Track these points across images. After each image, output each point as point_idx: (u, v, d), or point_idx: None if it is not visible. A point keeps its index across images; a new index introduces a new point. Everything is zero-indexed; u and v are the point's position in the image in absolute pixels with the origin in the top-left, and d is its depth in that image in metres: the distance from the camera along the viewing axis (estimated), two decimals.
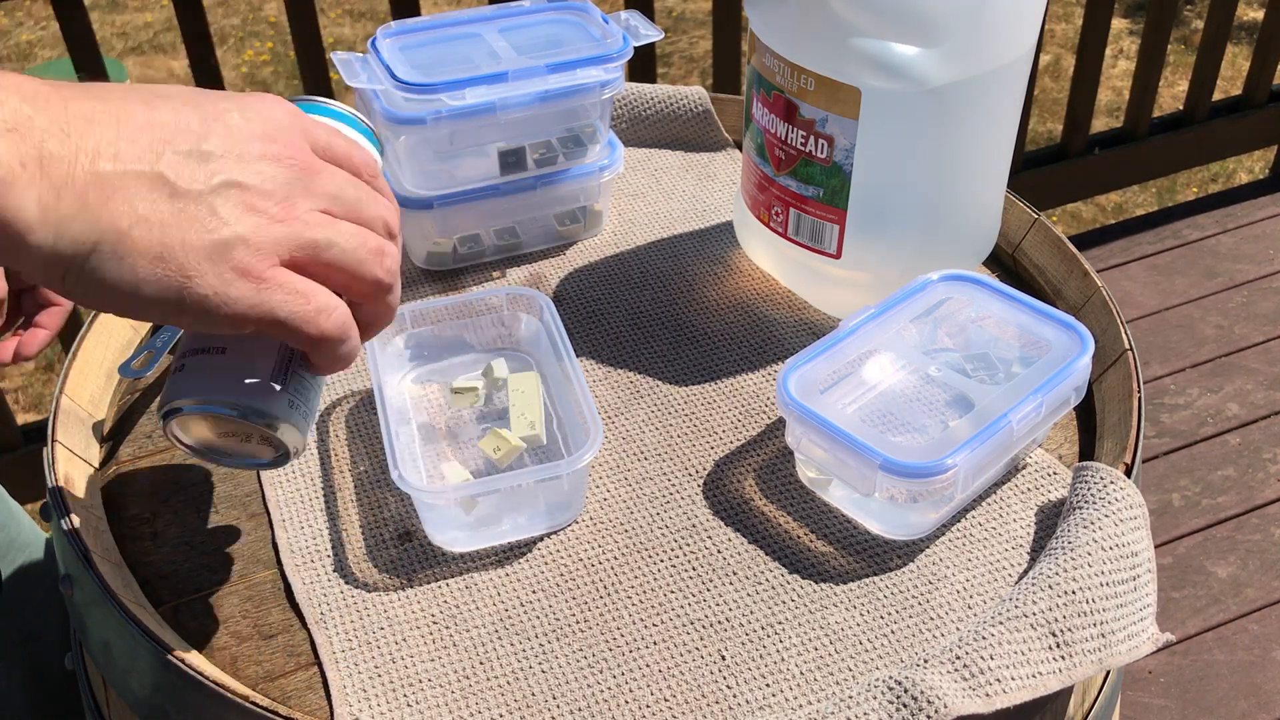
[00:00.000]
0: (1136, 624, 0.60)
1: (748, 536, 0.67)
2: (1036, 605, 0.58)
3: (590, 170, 0.86)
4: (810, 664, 0.60)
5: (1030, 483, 0.70)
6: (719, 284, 0.86)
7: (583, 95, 0.82)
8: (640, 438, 0.73)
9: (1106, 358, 0.75)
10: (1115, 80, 2.93)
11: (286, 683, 0.60)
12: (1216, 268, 2.05)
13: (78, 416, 0.72)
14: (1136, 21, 3.13)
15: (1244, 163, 2.61)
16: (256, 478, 0.70)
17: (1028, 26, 0.74)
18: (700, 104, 1.00)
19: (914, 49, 0.69)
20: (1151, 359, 1.87)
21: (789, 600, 0.63)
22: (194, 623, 0.62)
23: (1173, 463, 1.71)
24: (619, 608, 0.63)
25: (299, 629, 0.62)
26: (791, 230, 0.80)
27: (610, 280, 0.86)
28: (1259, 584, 1.54)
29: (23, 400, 2.16)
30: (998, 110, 0.75)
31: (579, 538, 0.67)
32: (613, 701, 0.58)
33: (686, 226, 0.92)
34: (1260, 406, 1.79)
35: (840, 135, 0.73)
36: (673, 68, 3.08)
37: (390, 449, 0.64)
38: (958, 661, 0.56)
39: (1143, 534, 0.62)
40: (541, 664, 0.60)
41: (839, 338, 0.69)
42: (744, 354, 0.79)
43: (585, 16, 0.87)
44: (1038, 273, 0.85)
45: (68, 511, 0.64)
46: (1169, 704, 1.41)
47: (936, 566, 0.65)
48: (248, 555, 0.66)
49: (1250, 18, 3.14)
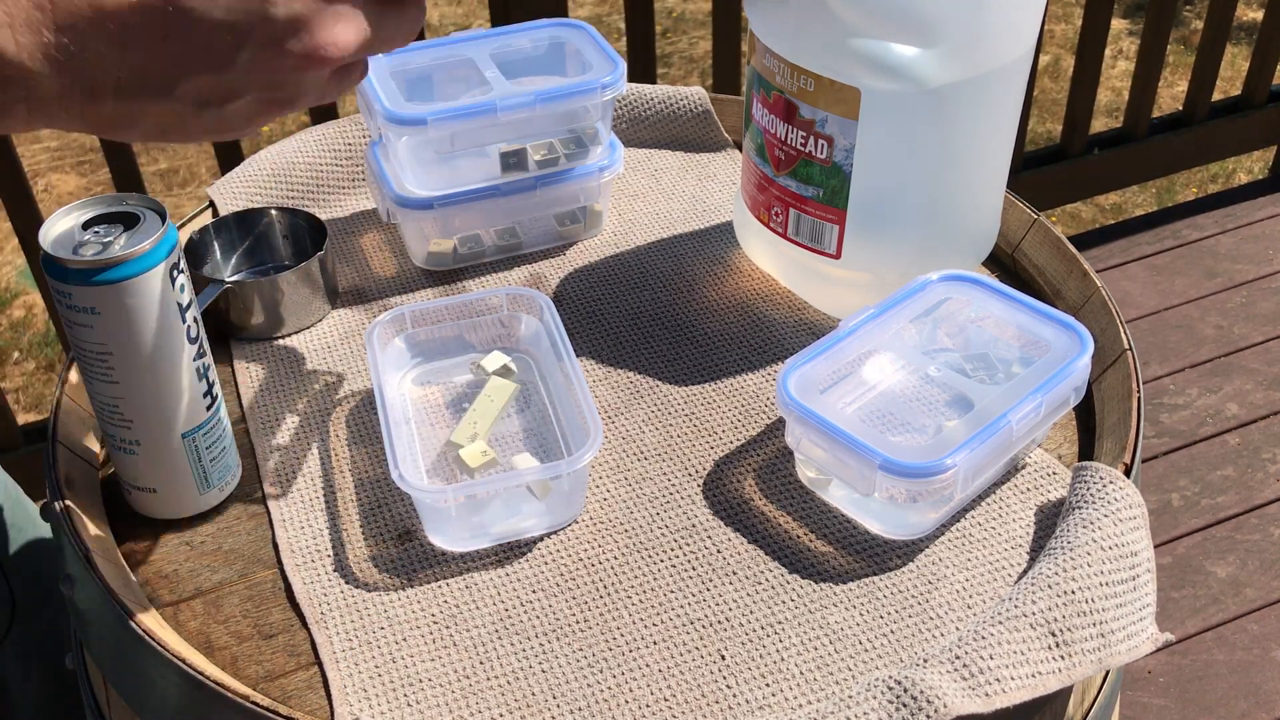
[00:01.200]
0: (1136, 624, 0.60)
1: (748, 536, 0.67)
2: (1036, 605, 0.58)
3: (590, 170, 0.86)
4: (810, 664, 0.60)
5: (1030, 483, 0.70)
6: (719, 284, 0.86)
7: (583, 97, 0.82)
8: (640, 438, 0.73)
9: (1106, 358, 0.76)
10: (1115, 80, 2.93)
11: (286, 683, 0.60)
12: (1216, 268, 2.05)
13: (78, 416, 0.73)
14: (1136, 21, 3.13)
15: (1243, 163, 2.61)
16: (256, 476, 0.70)
17: (1027, 27, 0.74)
18: (700, 104, 1.00)
19: (913, 49, 0.69)
20: (1151, 359, 1.87)
21: (789, 600, 0.63)
22: (194, 623, 0.63)
23: (1172, 463, 1.71)
24: (619, 608, 0.63)
25: (299, 629, 0.62)
26: (791, 230, 0.80)
27: (610, 280, 0.86)
28: (1258, 584, 1.54)
29: (23, 400, 2.16)
30: (997, 110, 0.75)
31: (579, 538, 0.67)
32: (613, 701, 0.59)
33: (686, 226, 0.92)
34: (1260, 406, 1.79)
35: (840, 135, 0.73)
36: (673, 68, 3.08)
37: (390, 449, 0.64)
38: (957, 661, 0.56)
39: (1142, 534, 0.62)
40: (541, 664, 0.60)
41: (839, 338, 0.69)
42: (744, 354, 0.80)
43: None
44: (1037, 273, 0.85)
45: (68, 511, 0.64)
46: (1168, 704, 1.41)
47: (936, 566, 0.65)
48: (248, 555, 0.66)
49: (1250, 18, 3.14)
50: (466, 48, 0.87)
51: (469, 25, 3.19)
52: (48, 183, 2.60)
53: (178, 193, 2.59)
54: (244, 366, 0.78)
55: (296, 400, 0.76)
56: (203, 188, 2.56)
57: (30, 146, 2.69)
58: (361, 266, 0.87)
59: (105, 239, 0.60)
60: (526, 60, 0.88)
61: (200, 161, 2.66)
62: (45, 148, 2.71)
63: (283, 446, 0.73)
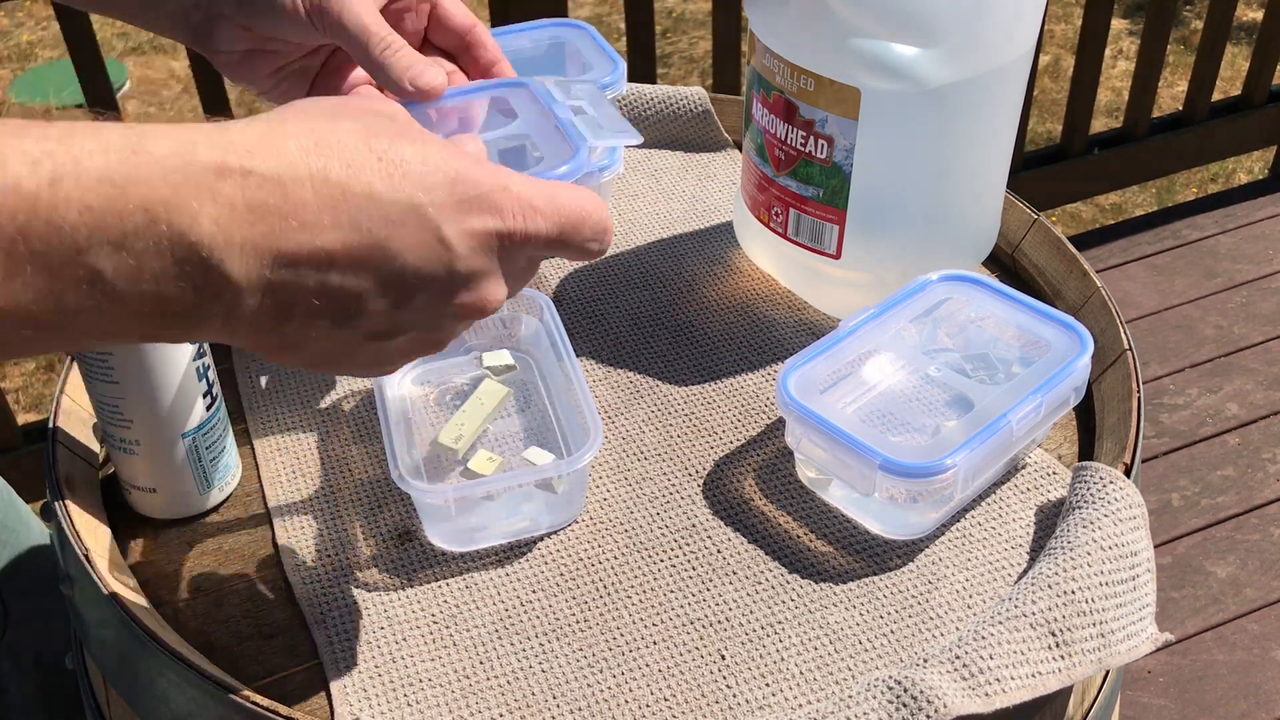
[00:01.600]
0: (1136, 624, 0.60)
1: (748, 536, 0.67)
2: (1036, 605, 0.58)
3: (590, 170, 0.86)
4: (810, 664, 0.60)
5: (1030, 483, 0.70)
6: (719, 284, 0.86)
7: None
8: (640, 438, 0.73)
9: (1106, 358, 0.76)
10: (1115, 80, 2.93)
11: (286, 683, 0.60)
12: (1216, 268, 2.05)
13: (78, 417, 0.72)
14: (1136, 22, 3.13)
15: (1243, 163, 2.61)
16: (256, 476, 0.70)
17: (1027, 27, 0.74)
18: (700, 104, 1.00)
19: (913, 49, 0.69)
20: (1151, 359, 1.87)
21: (789, 600, 0.63)
22: (194, 623, 0.63)
23: (1172, 463, 1.71)
24: (619, 607, 0.63)
25: (299, 629, 0.62)
26: (791, 230, 0.80)
27: (610, 280, 0.86)
28: (1258, 584, 1.54)
29: (23, 400, 2.16)
30: (997, 111, 0.75)
31: (579, 538, 0.67)
32: (613, 701, 0.59)
33: (686, 226, 0.92)
34: (1260, 406, 1.79)
35: (840, 135, 0.73)
36: (673, 68, 3.08)
37: (390, 449, 0.64)
38: (957, 661, 0.56)
39: (1142, 534, 0.62)
40: (541, 664, 0.60)
41: (839, 338, 0.69)
42: (744, 354, 0.80)
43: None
44: (1037, 273, 0.85)
45: (68, 511, 0.64)
46: (1168, 704, 1.41)
47: (936, 566, 0.65)
48: (248, 555, 0.66)
49: (1250, 18, 3.14)
50: None
51: None
52: None
53: None
54: (244, 366, 0.78)
55: (296, 400, 0.76)
56: None
57: None
58: None
59: None
60: (526, 60, 0.88)
61: None
62: None
63: (283, 446, 0.73)
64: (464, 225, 0.46)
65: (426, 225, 0.45)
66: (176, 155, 0.40)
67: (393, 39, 0.61)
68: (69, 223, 0.37)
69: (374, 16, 0.61)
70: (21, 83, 2.95)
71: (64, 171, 0.37)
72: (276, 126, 0.43)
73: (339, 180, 0.43)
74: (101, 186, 0.38)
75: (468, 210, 0.46)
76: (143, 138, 0.40)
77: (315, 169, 0.42)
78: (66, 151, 0.38)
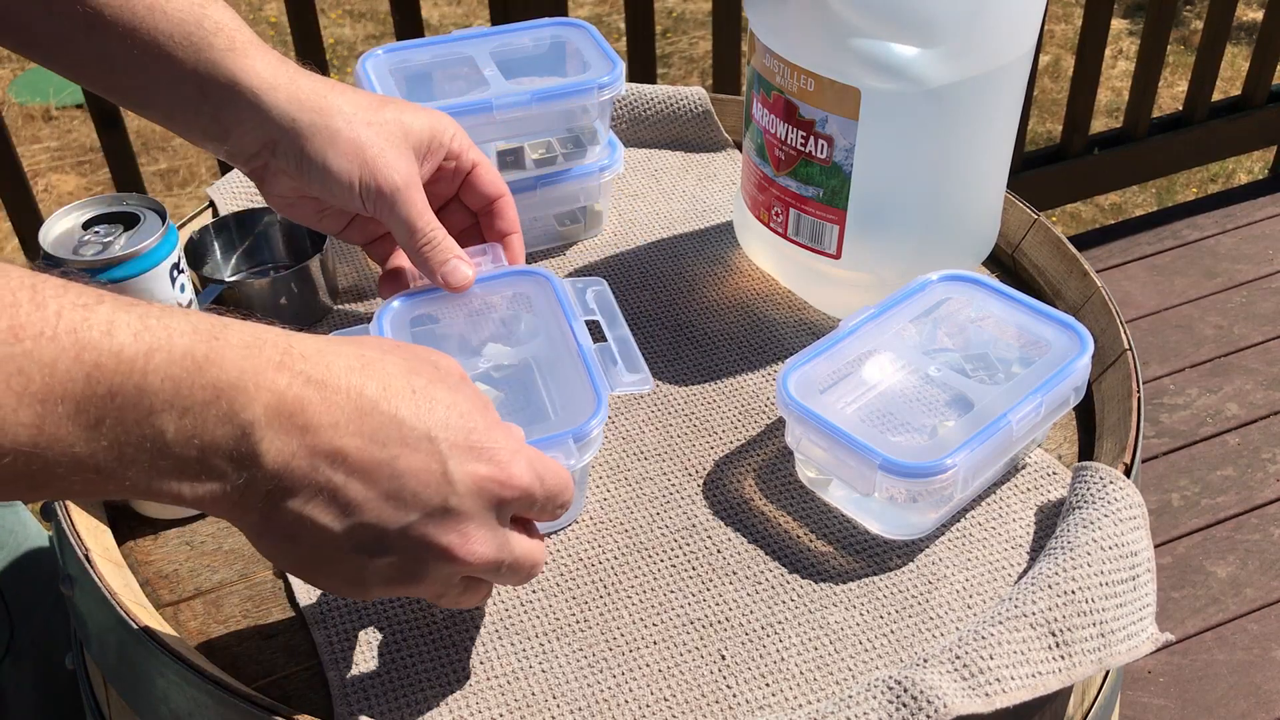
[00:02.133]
0: (1136, 624, 0.60)
1: (747, 536, 0.67)
2: (1036, 605, 0.58)
3: (590, 170, 0.86)
4: (810, 664, 0.60)
5: (1030, 483, 0.70)
6: (719, 284, 0.86)
7: (580, 96, 0.82)
8: (640, 438, 0.73)
9: (1106, 358, 0.76)
10: (1115, 80, 2.93)
11: (286, 683, 0.60)
12: (1216, 268, 2.05)
13: None
14: (1136, 22, 3.13)
15: (1243, 163, 2.61)
16: None
17: (1027, 27, 0.74)
18: (700, 104, 1.00)
19: (913, 49, 0.69)
20: (1151, 359, 1.87)
21: (789, 600, 0.63)
22: (194, 623, 0.63)
23: (1172, 463, 1.71)
24: (619, 608, 0.63)
25: (299, 629, 0.62)
26: (791, 230, 0.80)
27: (610, 280, 0.86)
28: (1258, 584, 1.54)
29: None
30: (997, 111, 0.75)
31: (579, 538, 0.67)
32: (613, 701, 0.59)
33: (686, 226, 0.92)
34: (1259, 406, 1.79)
35: (840, 135, 0.73)
36: (673, 68, 3.08)
37: None
38: (957, 661, 0.56)
39: (1142, 534, 0.62)
40: (541, 664, 0.60)
41: (839, 338, 0.69)
42: (744, 354, 0.80)
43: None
44: (1037, 273, 0.85)
45: (68, 511, 0.64)
46: (1168, 704, 1.41)
47: (936, 566, 0.65)
48: (248, 555, 0.66)
49: (1250, 18, 3.14)
50: (466, 46, 0.87)
51: (469, 25, 3.18)
52: (48, 183, 2.60)
53: (178, 193, 2.59)
54: None
55: None
56: (203, 188, 2.56)
57: (30, 146, 2.69)
58: (361, 266, 0.87)
59: (105, 239, 0.60)
60: (526, 59, 0.88)
61: (200, 162, 2.66)
62: (45, 148, 2.71)
63: None
64: (468, 467, 0.50)
65: (435, 456, 0.49)
66: (248, 347, 0.46)
67: (433, 234, 0.68)
68: (151, 388, 0.43)
69: (421, 208, 0.68)
70: (21, 83, 2.95)
71: (159, 345, 0.43)
72: (334, 345, 0.50)
73: (372, 398, 0.49)
74: (184, 361, 0.44)
75: (476, 457, 0.51)
76: (225, 327, 0.46)
77: (354, 384, 0.48)
78: (164, 328, 0.44)
